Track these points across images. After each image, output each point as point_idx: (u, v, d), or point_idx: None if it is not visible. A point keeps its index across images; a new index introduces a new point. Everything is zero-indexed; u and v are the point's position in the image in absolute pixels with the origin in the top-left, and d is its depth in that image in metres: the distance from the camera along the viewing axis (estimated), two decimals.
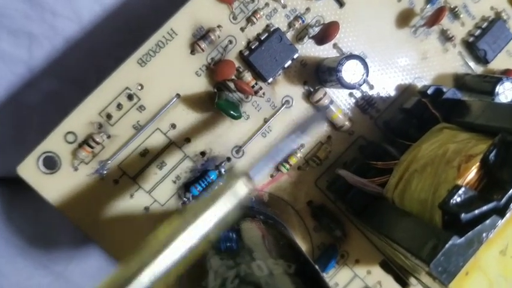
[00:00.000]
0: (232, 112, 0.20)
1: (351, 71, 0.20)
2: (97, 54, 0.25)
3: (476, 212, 0.16)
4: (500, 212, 0.16)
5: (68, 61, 0.25)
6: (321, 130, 0.24)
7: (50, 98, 0.25)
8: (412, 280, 0.25)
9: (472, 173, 0.17)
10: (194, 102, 0.22)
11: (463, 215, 0.16)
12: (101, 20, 0.25)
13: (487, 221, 0.16)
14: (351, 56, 0.20)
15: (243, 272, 0.15)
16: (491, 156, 0.17)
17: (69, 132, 0.20)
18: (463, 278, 0.16)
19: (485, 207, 0.16)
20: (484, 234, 0.16)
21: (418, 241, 0.17)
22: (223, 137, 0.22)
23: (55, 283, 0.28)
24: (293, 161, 0.23)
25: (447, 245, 0.16)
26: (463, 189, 0.17)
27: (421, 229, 0.17)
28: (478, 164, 0.17)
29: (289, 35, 0.22)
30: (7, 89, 0.24)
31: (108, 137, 0.21)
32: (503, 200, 0.16)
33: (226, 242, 0.19)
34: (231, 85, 0.22)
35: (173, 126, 0.22)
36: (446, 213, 0.17)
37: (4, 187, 0.27)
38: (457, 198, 0.16)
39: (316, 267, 0.18)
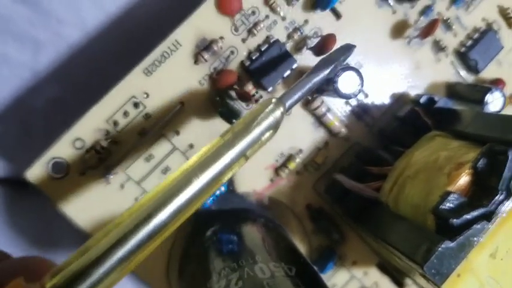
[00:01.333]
0: (234, 120, 0.21)
1: (347, 82, 0.21)
2: (100, 61, 0.26)
3: (467, 217, 0.17)
4: (489, 217, 0.17)
5: (71, 67, 0.25)
6: (318, 136, 0.25)
7: (53, 102, 0.26)
8: (408, 281, 0.26)
9: (461, 180, 0.18)
10: (197, 110, 0.22)
11: (454, 221, 0.17)
12: (105, 28, 0.25)
13: (477, 226, 0.17)
14: (347, 68, 0.21)
15: (246, 274, 0.15)
16: (480, 164, 0.18)
17: (77, 139, 0.21)
18: (455, 280, 0.17)
19: (475, 213, 0.17)
20: (475, 238, 0.17)
21: (412, 244, 0.18)
22: None
23: None
24: (292, 166, 0.24)
25: (439, 249, 0.16)
26: (453, 195, 0.17)
27: (415, 233, 0.18)
28: (467, 171, 0.18)
29: (289, 46, 0.23)
30: (12, 93, 0.25)
31: (115, 143, 0.21)
32: (492, 206, 0.17)
33: (228, 245, 0.19)
34: (233, 93, 0.23)
35: (177, 133, 0.22)
36: (438, 218, 0.18)
37: (8, 188, 0.28)
38: (447, 204, 0.17)
39: (315, 268, 0.19)
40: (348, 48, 0.19)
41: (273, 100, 0.16)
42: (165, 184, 0.14)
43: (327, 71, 0.18)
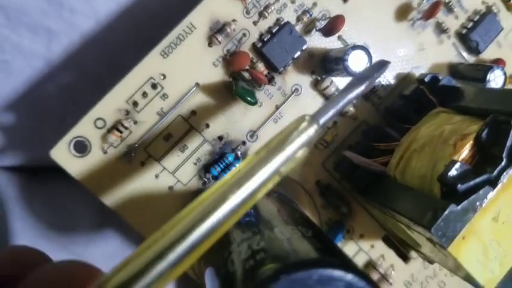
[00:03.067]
0: (249, 98, 0.22)
1: (356, 60, 0.22)
2: (112, 50, 0.26)
3: (471, 183, 0.18)
4: (492, 183, 0.18)
5: (84, 56, 0.26)
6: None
7: (66, 90, 0.27)
8: (412, 254, 0.27)
9: (466, 150, 0.19)
10: (212, 90, 0.23)
11: (459, 186, 0.18)
12: (117, 17, 0.26)
13: (481, 192, 0.18)
14: (356, 47, 0.22)
15: (267, 236, 0.17)
16: (484, 134, 0.19)
17: (98, 119, 0.22)
18: (460, 242, 0.18)
19: (478, 179, 0.18)
20: (478, 203, 0.18)
21: (420, 210, 0.19)
22: (239, 122, 0.24)
23: None
24: None
25: (446, 212, 0.18)
26: (459, 164, 0.19)
27: (422, 200, 0.20)
28: (472, 141, 0.19)
29: (298, 28, 0.24)
30: (26, 82, 0.26)
31: (135, 122, 0.23)
32: (495, 172, 0.18)
33: (245, 217, 0.20)
34: (246, 75, 0.23)
35: (193, 112, 0.23)
36: (444, 185, 0.19)
37: (26, 174, 0.29)
38: (453, 172, 0.18)
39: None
40: (382, 65, 0.19)
41: (307, 118, 0.16)
42: (201, 200, 0.14)
43: (361, 88, 0.17)
